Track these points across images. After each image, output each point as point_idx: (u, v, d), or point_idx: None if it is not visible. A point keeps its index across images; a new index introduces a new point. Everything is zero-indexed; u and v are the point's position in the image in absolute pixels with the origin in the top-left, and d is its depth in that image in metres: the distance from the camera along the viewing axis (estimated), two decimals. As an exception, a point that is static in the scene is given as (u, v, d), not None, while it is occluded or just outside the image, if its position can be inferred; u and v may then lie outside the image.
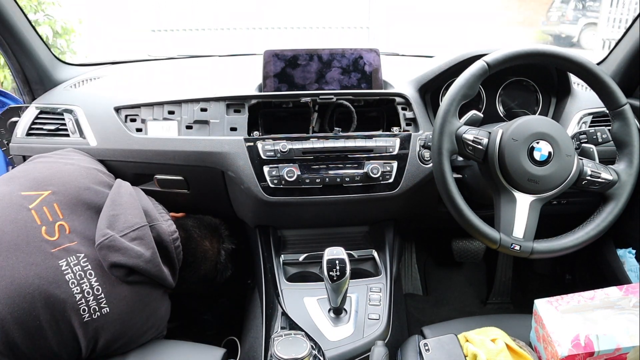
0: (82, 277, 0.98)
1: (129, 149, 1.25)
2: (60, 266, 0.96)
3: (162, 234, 1.08)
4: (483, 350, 0.96)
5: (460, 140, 1.04)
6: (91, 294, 0.98)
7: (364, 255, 1.35)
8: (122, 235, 1.01)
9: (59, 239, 0.99)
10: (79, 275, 0.98)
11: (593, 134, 1.11)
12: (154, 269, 1.03)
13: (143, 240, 1.03)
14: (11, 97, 1.52)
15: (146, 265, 1.01)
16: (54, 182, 1.06)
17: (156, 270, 1.04)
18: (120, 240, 1.00)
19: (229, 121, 1.25)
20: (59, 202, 1.03)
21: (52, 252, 0.97)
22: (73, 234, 1.01)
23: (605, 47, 6.79)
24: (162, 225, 1.10)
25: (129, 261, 0.99)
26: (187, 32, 6.15)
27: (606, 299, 0.98)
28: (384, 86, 1.32)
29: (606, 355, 0.91)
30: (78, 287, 0.97)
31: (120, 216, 1.03)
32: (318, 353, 1.00)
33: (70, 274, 0.97)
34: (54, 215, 1.01)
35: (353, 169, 1.22)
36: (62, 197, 1.04)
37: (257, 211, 1.30)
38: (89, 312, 0.97)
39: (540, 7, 8.37)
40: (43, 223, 0.99)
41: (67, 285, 0.96)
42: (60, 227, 1.00)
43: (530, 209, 1.03)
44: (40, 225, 0.99)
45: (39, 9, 3.49)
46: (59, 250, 0.98)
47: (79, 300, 0.96)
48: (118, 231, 1.01)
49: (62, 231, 1.00)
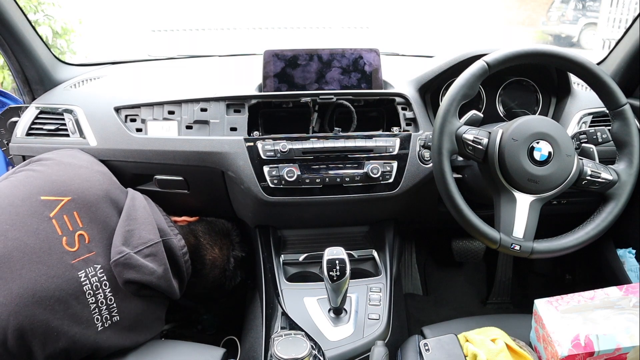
0: (98, 287, 1.01)
1: (129, 149, 1.25)
2: (79, 277, 0.99)
3: (173, 248, 1.12)
4: (483, 350, 0.96)
5: (460, 140, 1.04)
6: (104, 304, 1.02)
7: (364, 255, 1.35)
8: (137, 252, 1.04)
9: (79, 249, 1.02)
10: (95, 287, 1.01)
11: (593, 134, 1.11)
12: (165, 284, 1.08)
13: (156, 257, 1.07)
14: (11, 97, 1.52)
15: (158, 281, 1.06)
16: (73, 188, 1.07)
17: (167, 285, 1.08)
18: (135, 257, 1.03)
19: (229, 121, 1.25)
20: (79, 210, 1.05)
21: (72, 264, 1.00)
22: (92, 244, 1.04)
23: (605, 47, 6.79)
24: (174, 240, 1.14)
25: (142, 278, 1.03)
26: (187, 32, 6.15)
27: (606, 299, 0.98)
28: (384, 86, 1.32)
29: (606, 355, 0.91)
30: (93, 298, 1.00)
31: (135, 232, 1.06)
32: (318, 353, 1.00)
33: (87, 285, 1.00)
34: (74, 225, 1.03)
35: (353, 169, 1.22)
36: (82, 204, 1.06)
37: (257, 211, 1.30)
38: (101, 322, 1.01)
39: (540, 7, 8.38)
40: (64, 233, 1.01)
41: (85, 297, 0.99)
42: (80, 237, 1.03)
43: (530, 209, 1.03)
44: (61, 235, 1.01)
45: (39, 9, 3.49)
46: (79, 262, 1.01)
47: (93, 310, 1.00)
48: (133, 247, 1.04)
49: (81, 241, 1.03)
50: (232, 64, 1.71)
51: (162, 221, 1.15)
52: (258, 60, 1.28)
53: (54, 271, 0.97)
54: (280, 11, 6.31)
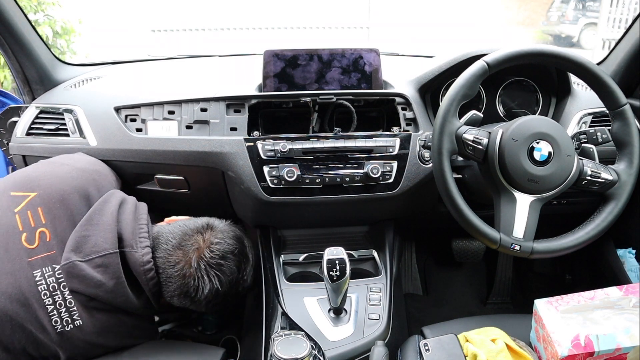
0: (55, 289, 0.97)
1: (129, 149, 1.25)
2: (34, 277, 0.96)
3: (132, 263, 1.01)
4: (483, 350, 0.96)
5: (460, 140, 1.04)
6: (63, 306, 0.97)
7: (364, 255, 1.35)
8: (87, 260, 0.96)
9: (38, 247, 0.98)
10: (52, 287, 0.97)
11: (593, 134, 1.11)
12: (118, 299, 0.98)
13: (107, 269, 0.97)
14: (11, 97, 1.52)
15: (107, 295, 0.97)
16: (42, 183, 1.04)
17: (122, 300, 0.98)
18: (81, 266, 0.95)
19: (229, 121, 1.25)
20: (43, 205, 1.01)
21: (28, 261, 0.97)
22: (53, 242, 0.99)
23: (605, 47, 6.79)
24: (135, 254, 1.00)
25: (86, 290, 0.96)
26: (187, 32, 6.15)
27: (606, 299, 0.98)
28: (384, 86, 1.32)
29: (606, 355, 0.91)
30: (50, 299, 0.96)
31: (90, 238, 0.98)
32: (318, 353, 1.00)
33: (43, 285, 0.96)
34: (36, 221, 1.00)
35: (353, 169, 1.22)
36: (47, 200, 1.02)
37: (257, 211, 1.30)
38: (61, 324, 0.97)
39: (540, 7, 8.38)
40: (25, 229, 0.98)
41: (40, 297, 0.96)
42: (41, 234, 0.99)
43: (530, 209, 1.03)
44: (22, 231, 0.98)
45: (39, 9, 3.50)
46: (36, 260, 0.97)
47: (51, 311, 0.96)
48: (84, 255, 0.96)
49: (42, 238, 0.99)
50: (232, 64, 1.71)
51: (129, 230, 1.02)
52: (258, 60, 1.28)
53: (9, 267, 0.95)
54: (280, 11, 6.31)
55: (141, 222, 1.06)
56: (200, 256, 1.04)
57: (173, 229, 1.09)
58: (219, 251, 1.06)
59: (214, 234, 1.08)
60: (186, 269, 1.03)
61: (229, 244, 1.08)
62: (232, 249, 1.08)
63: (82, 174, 1.10)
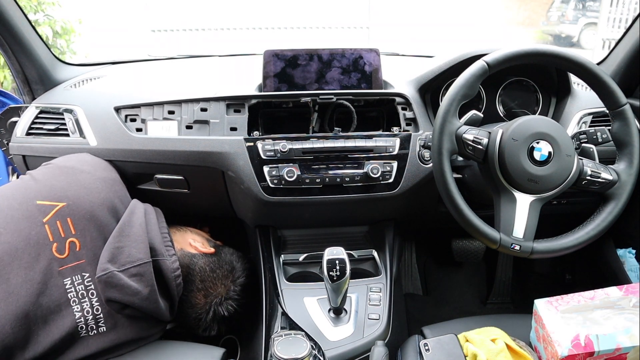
0: (84, 296, 1.01)
1: (129, 149, 1.25)
2: (64, 284, 1.00)
3: (165, 270, 1.08)
4: (483, 350, 0.96)
5: (460, 140, 1.04)
6: (90, 313, 1.01)
7: (364, 255, 1.35)
8: (123, 270, 1.01)
9: (68, 256, 1.01)
10: (81, 295, 1.01)
11: (593, 134, 1.11)
12: (150, 306, 1.04)
13: (143, 277, 1.03)
14: (11, 97, 1.52)
15: (142, 303, 1.02)
16: (69, 194, 1.07)
17: (153, 307, 1.05)
18: (119, 276, 1.00)
19: (229, 121, 1.25)
20: (73, 216, 1.04)
21: (59, 271, 1.00)
22: (83, 251, 1.03)
23: (605, 47, 6.79)
24: (167, 262, 1.09)
25: (124, 298, 1.00)
26: (187, 32, 6.15)
27: (606, 299, 0.98)
28: (384, 86, 1.32)
29: (606, 355, 0.91)
30: (79, 306, 1.00)
31: (124, 249, 1.03)
32: (318, 353, 1.00)
33: (72, 292, 1.00)
34: (66, 231, 1.03)
35: (353, 169, 1.22)
36: (76, 211, 1.05)
37: (257, 211, 1.30)
38: (86, 330, 1.01)
39: (540, 7, 8.38)
40: (55, 239, 1.01)
41: (69, 304, 0.99)
42: (71, 244, 1.02)
43: (530, 209, 1.03)
44: (52, 241, 1.01)
45: (39, 9, 3.50)
46: (66, 269, 1.01)
47: (78, 318, 1.00)
48: (120, 265, 1.01)
49: (72, 248, 1.02)
50: (232, 64, 1.71)
51: (158, 239, 1.11)
52: (258, 60, 1.28)
53: (41, 277, 0.98)
54: (280, 11, 6.31)
55: (164, 231, 1.16)
56: (217, 309, 1.19)
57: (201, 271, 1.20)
58: (234, 307, 1.20)
59: (234, 287, 1.22)
60: (203, 315, 1.19)
61: (243, 297, 1.23)
62: (244, 302, 1.24)
63: (105, 185, 1.13)
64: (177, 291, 1.11)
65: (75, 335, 0.99)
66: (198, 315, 1.18)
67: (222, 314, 1.19)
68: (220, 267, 1.23)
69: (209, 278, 1.20)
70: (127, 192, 1.19)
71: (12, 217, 1.01)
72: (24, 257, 0.98)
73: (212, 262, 1.23)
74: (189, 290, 1.18)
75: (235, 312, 1.20)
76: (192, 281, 1.18)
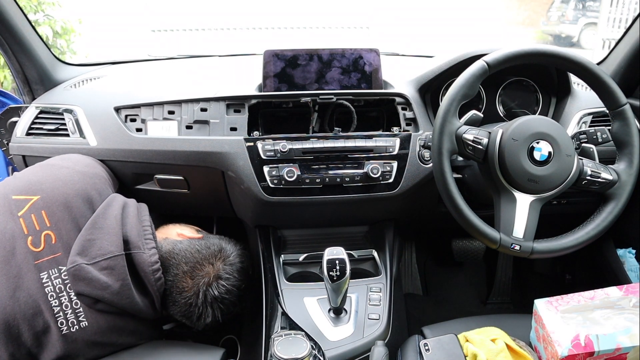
0: (61, 290, 0.98)
1: (129, 149, 1.25)
2: (41, 279, 0.97)
3: (141, 264, 1.03)
4: (483, 350, 0.96)
5: (460, 140, 1.04)
6: (69, 307, 0.98)
7: (364, 255, 1.35)
8: (93, 263, 0.98)
9: (44, 249, 0.99)
10: (59, 289, 0.98)
11: (593, 134, 1.11)
12: (123, 301, 0.99)
13: (113, 271, 0.99)
14: (11, 97, 1.52)
15: (113, 297, 0.98)
16: (45, 186, 1.05)
17: (127, 302, 1.00)
18: (87, 269, 0.97)
19: (229, 121, 1.25)
20: (47, 209, 1.02)
21: (35, 264, 0.98)
22: (58, 244, 1.00)
23: (605, 47, 6.79)
24: (143, 255, 1.03)
25: (92, 292, 0.97)
26: (187, 32, 6.15)
27: (606, 299, 0.98)
28: (384, 86, 1.32)
29: (606, 355, 0.91)
30: (57, 300, 0.98)
31: (96, 242, 1.00)
32: (318, 353, 1.00)
33: (49, 287, 0.98)
34: (41, 224, 1.01)
35: (353, 169, 1.22)
36: (50, 203, 1.03)
37: (257, 211, 1.30)
38: (67, 325, 0.98)
39: (540, 7, 8.39)
40: (30, 232, 1.00)
41: (47, 298, 0.97)
42: (47, 237, 1.00)
43: (530, 208, 1.03)
44: (27, 234, 0.99)
45: (39, 9, 3.50)
46: (42, 262, 0.98)
47: (57, 313, 0.97)
48: (90, 258, 0.98)
49: (48, 241, 1.00)
50: (232, 64, 1.71)
51: (134, 233, 1.05)
52: (258, 60, 1.28)
53: (17, 271, 0.96)
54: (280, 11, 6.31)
55: (145, 224, 1.10)
56: (207, 290, 1.08)
57: (185, 253, 1.12)
58: (226, 287, 1.10)
59: (224, 266, 1.12)
60: (193, 299, 1.08)
61: (236, 279, 1.13)
62: (239, 284, 1.13)
63: (83, 177, 1.10)
64: (156, 286, 1.05)
65: (56, 331, 0.97)
66: (188, 301, 1.09)
67: (213, 295, 1.08)
68: (207, 248, 1.14)
69: (194, 259, 1.11)
70: (111, 189, 1.15)
71: None
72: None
73: (197, 244, 1.15)
74: (175, 275, 1.09)
75: (229, 293, 1.10)
76: (177, 265, 1.10)
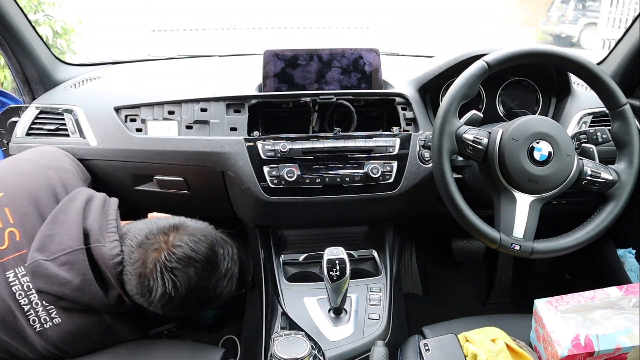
0: (29, 288, 0.96)
1: (129, 149, 1.25)
2: (7, 278, 0.95)
3: (101, 257, 0.97)
4: (483, 350, 0.96)
5: (460, 140, 1.04)
6: (40, 305, 0.96)
7: (364, 255, 1.35)
8: (53, 259, 0.94)
9: (8, 247, 0.97)
10: (27, 287, 0.96)
11: (593, 134, 1.11)
12: (85, 297, 0.96)
13: (74, 266, 0.95)
14: (11, 97, 1.52)
15: (74, 293, 0.94)
16: (8, 182, 1.03)
17: (89, 297, 0.96)
18: (45, 265, 0.94)
19: (229, 121, 1.25)
20: (10, 205, 1.00)
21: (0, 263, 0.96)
22: (23, 241, 0.98)
23: (605, 47, 6.80)
24: (103, 249, 0.97)
25: (52, 288, 0.94)
26: (187, 32, 6.15)
27: (606, 299, 0.98)
28: (384, 86, 1.32)
29: (606, 355, 0.91)
30: (26, 299, 0.95)
31: (55, 237, 0.96)
32: (318, 353, 1.00)
33: (17, 285, 0.95)
34: (4, 222, 0.98)
35: (353, 169, 1.22)
36: (13, 200, 1.01)
37: (257, 211, 1.30)
38: (39, 323, 0.96)
39: (540, 7, 8.39)
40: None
41: (15, 297, 0.95)
42: (11, 234, 0.98)
43: (530, 208, 1.03)
44: None
45: (39, 9, 3.49)
46: (8, 260, 0.96)
47: (28, 311, 0.95)
48: (49, 254, 0.95)
49: (12, 238, 0.98)
50: (232, 64, 1.71)
51: (96, 226, 1.00)
52: (258, 60, 1.28)
53: None
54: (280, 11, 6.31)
55: (110, 217, 1.04)
56: (157, 258, 0.96)
57: (141, 226, 1.04)
58: (177, 255, 0.97)
59: (179, 236, 1.00)
60: (142, 268, 0.97)
61: (192, 249, 0.99)
62: (194, 255, 0.99)
63: (48, 171, 1.08)
64: (118, 280, 0.99)
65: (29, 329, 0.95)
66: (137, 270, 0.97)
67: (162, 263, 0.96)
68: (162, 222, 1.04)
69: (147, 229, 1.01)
70: (81, 182, 1.12)
71: None
72: None
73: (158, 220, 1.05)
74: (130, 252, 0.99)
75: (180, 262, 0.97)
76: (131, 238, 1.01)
